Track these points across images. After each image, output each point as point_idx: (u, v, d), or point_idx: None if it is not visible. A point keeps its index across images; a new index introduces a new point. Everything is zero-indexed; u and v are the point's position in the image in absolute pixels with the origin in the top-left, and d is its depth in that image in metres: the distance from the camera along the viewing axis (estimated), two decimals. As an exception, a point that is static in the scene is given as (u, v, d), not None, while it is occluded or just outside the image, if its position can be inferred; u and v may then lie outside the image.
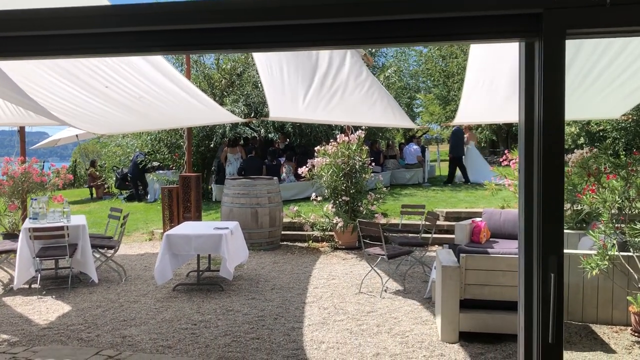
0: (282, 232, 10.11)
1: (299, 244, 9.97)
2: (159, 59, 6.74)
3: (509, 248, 7.10)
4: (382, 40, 2.77)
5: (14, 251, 7.13)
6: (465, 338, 5.09)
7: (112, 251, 7.67)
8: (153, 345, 5.08)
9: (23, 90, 6.61)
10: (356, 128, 9.99)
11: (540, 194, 2.64)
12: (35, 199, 7.46)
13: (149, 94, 7.54)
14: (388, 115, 8.16)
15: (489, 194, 10.67)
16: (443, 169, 19.13)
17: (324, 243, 9.83)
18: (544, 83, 2.64)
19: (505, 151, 9.93)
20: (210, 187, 14.66)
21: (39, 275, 7.13)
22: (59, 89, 6.91)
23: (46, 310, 6.21)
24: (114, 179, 16.50)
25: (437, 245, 9.20)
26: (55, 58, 4.80)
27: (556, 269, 2.56)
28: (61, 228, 6.73)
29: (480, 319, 5.09)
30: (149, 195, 15.44)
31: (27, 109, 8.25)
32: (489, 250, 6.15)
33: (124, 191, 15.01)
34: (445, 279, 5.12)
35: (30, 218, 7.42)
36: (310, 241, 9.88)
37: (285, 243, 10.08)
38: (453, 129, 15.75)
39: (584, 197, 5.36)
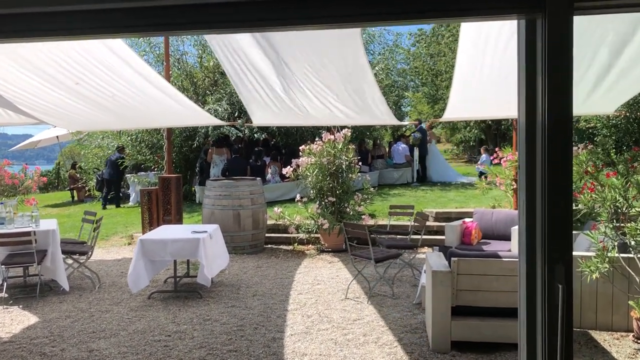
0: (267, 235, 9.75)
1: (284, 247, 9.62)
2: (132, 56, 6.36)
3: (502, 249, 6.82)
4: (373, 17, 2.44)
5: (-21, 258, 6.71)
6: (458, 347, 4.76)
7: (84, 257, 7.25)
8: (122, 359, 4.69)
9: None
10: (342, 126, 9.65)
11: (545, 196, 2.30)
12: (2, 203, 7.04)
13: (123, 92, 7.15)
14: (374, 112, 7.81)
15: (479, 193, 10.40)
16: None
17: (310, 246, 9.48)
18: (549, 68, 2.30)
19: (496, 149, 9.66)
20: (193, 188, 14.25)
21: (6, 283, 6.71)
22: (25, 83, 6.52)
23: (10, 321, 5.80)
24: (95, 181, 16.02)
25: (427, 247, 8.89)
26: (32, 41, 4.36)
27: (564, 279, 2.23)
28: (28, 234, 6.32)
29: (474, 327, 4.76)
30: (131, 197, 15.00)
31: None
32: (481, 252, 5.84)
33: (111, 192, 14.53)
34: (436, 285, 4.79)
35: (-4, 223, 6.99)
36: (296, 244, 9.52)
37: (269, 246, 9.73)
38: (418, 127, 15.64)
39: (582, 196, 5.05)
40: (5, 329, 5.58)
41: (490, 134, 23.99)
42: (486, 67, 5.88)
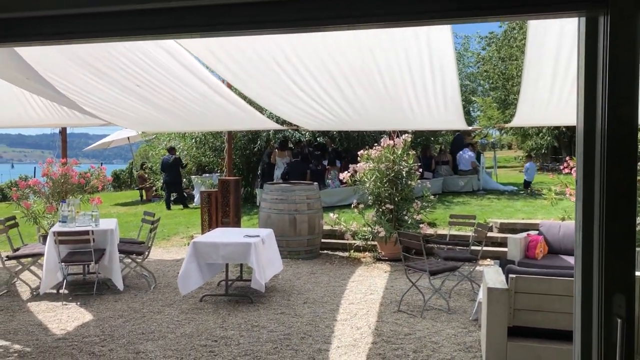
0: (323, 240, 9.62)
1: (340, 254, 9.45)
2: (192, 61, 6.40)
3: (568, 266, 6.35)
4: (430, 15, 2.25)
5: (41, 255, 6.96)
6: (514, 371, 4.42)
7: (141, 257, 7.39)
8: (165, 363, 4.69)
9: (53, 85, 6.46)
10: (403, 131, 9.37)
11: (603, 211, 2.02)
12: (65, 202, 7.28)
13: (182, 95, 7.24)
14: (441, 116, 7.51)
15: (548, 204, 9.85)
16: (500, 176, 18.16)
17: (366, 253, 9.26)
18: (610, 72, 2.02)
19: (567, 158, 9.09)
20: (254, 191, 14.35)
21: (66, 280, 6.93)
22: (90, 86, 6.73)
23: (67, 318, 5.96)
24: (162, 181, 16.48)
25: (488, 260, 8.47)
26: (65, 43, 4.45)
27: (624, 312, 1.94)
28: (86, 233, 6.49)
29: (532, 350, 4.41)
30: (195, 198, 15.30)
31: (61, 104, 8.16)
32: (543, 269, 5.44)
33: (172, 194, 14.87)
34: (492, 303, 4.47)
35: (59, 221, 7.25)
36: (352, 251, 9.33)
37: (325, 252, 9.59)
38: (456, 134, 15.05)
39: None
40: (61, 325, 5.73)
41: (563, 142, 22.84)
42: (559, 72, 5.48)
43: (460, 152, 15.05)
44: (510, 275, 4.45)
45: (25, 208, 8.83)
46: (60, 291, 6.90)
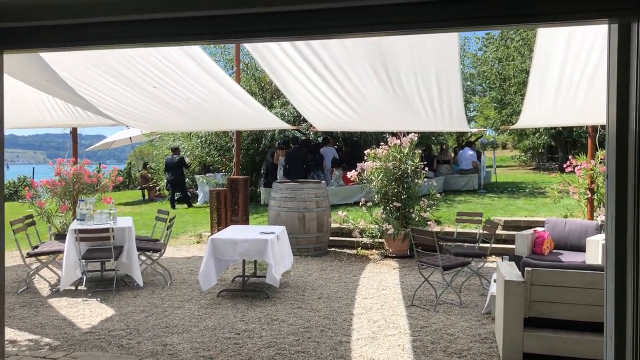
0: (330, 238, 9.80)
1: (347, 251, 9.64)
2: (208, 61, 6.56)
3: (575, 261, 6.56)
4: (461, 22, 2.42)
5: (62, 252, 7.10)
6: (530, 360, 4.63)
7: (157, 254, 7.54)
8: (194, 355, 4.84)
9: (72, 87, 6.59)
10: (408, 131, 9.57)
11: (637, 209, 2.22)
12: (83, 200, 7.43)
13: (196, 95, 7.40)
14: (445, 119, 7.72)
15: (550, 202, 10.07)
16: (499, 175, 18.41)
17: (374, 250, 9.45)
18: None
19: (569, 157, 9.31)
20: (259, 190, 14.52)
21: (85, 277, 7.07)
22: (107, 88, 6.87)
23: (90, 313, 6.11)
24: (165, 181, 16.61)
25: (494, 256, 8.68)
26: (92, 49, 4.63)
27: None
28: (106, 230, 6.64)
29: (547, 340, 4.61)
30: (199, 197, 15.45)
31: (75, 105, 8.29)
32: (556, 263, 5.64)
33: (176, 194, 15.00)
34: (508, 295, 4.67)
35: (77, 219, 7.39)
36: (359, 248, 9.52)
37: (333, 249, 9.77)
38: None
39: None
40: (85, 320, 5.88)
41: (561, 141, 23.13)
42: (565, 74, 5.69)
43: (461, 151, 15.28)
44: (526, 268, 4.65)
45: (39, 207, 8.96)
46: (79, 287, 7.05)
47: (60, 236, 8.50)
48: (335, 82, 6.73)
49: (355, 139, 14.68)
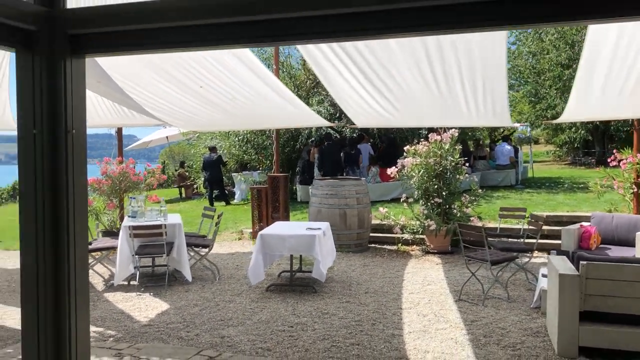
0: (370, 234, 9.87)
1: (388, 247, 9.70)
2: (253, 60, 6.71)
3: (625, 255, 6.51)
4: (521, 20, 2.48)
5: (113, 248, 7.34)
6: (586, 353, 4.64)
7: (206, 250, 7.73)
8: (252, 346, 4.99)
9: (121, 87, 6.80)
10: (449, 127, 9.58)
11: None
12: (134, 198, 7.66)
13: (241, 94, 7.55)
14: (488, 114, 7.72)
15: (592, 197, 9.97)
16: (536, 170, 18.21)
17: (414, 246, 9.50)
18: None
19: (614, 151, 9.20)
20: (295, 187, 14.67)
21: (138, 272, 7.30)
22: (156, 88, 7.06)
23: (145, 307, 6.32)
24: (202, 179, 16.90)
25: (537, 252, 8.63)
26: (169, 52, 4.80)
27: None
28: (159, 226, 6.84)
29: (604, 334, 4.61)
30: (236, 195, 15.68)
31: (122, 105, 8.52)
32: (607, 257, 5.62)
33: (214, 191, 15.25)
34: (563, 289, 4.68)
35: (128, 216, 7.62)
36: (400, 244, 9.57)
37: (373, 245, 9.84)
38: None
39: None
40: (142, 313, 6.08)
41: (598, 135, 22.71)
42: (616, 64, 5.65)
43: (498, 146, 15.17)
44: (582, 262, 4.66)
45: (88, 205, 9.25)
46: (132, 282, 7.28)
47: (109, 233, 8.77)
48: (377, 79, 6.80)
49: (391, 136, 14.71)
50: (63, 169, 2.80)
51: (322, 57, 6.44)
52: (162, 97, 7.59)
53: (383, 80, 6.79)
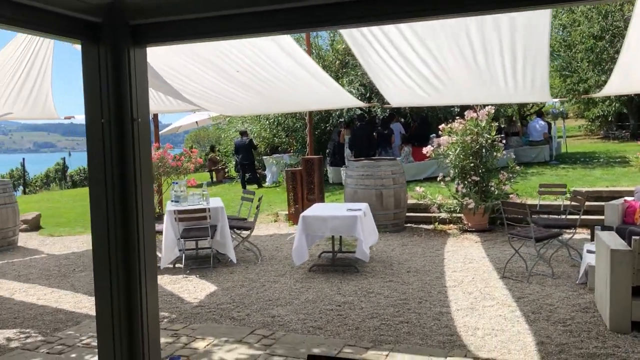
0: (406, 214, 9.88)
1: (424, 226, 9.71)
2: (290, 42, 6.73)
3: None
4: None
5: (159, 232, 7.50)
6: (638, 328, 4.63)
7: (248, 232, 7.85)
8: (303, 325, 5.09)
9: (159, 74, 6.90)
10: (485, 104, 9.48)
11: None
12: (177, 183, 7.80)
13: (277, 77, 7.59)
14: (526, 89, 7.62)
15: (634, 171, 9.81)
16: (569, 146, 17.93)
17: (451, 225, 9.48)
18: None
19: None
20: (325, 169, 14.72)
21: (183, 255, 7.46)
22: (194, 73, 7.13)
23: (194, 288, 6.47)
24: (234, 163, 17.06)
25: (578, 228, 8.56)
26: (228, 39, 4.85)
27: None
28: (204, 210, 6.97)
29: (657, 309, 4.59)
30: (267, 178, 15.81)
31: (159, 91, 8.63)
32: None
33: (246, 174, 15.39)
34: (615, 264, 4.66)
35: (171, 201, 7.77)
36: (437, 223, 9.57)
37: (409, 225, 9.86)
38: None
39: None
40: (192, 295, 6.24)
41: (632, 108, 22.19)
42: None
43: (531, 122, 14.96)
44: (634, 237, 4.62)
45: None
46: (177, 265, 7.45)
47: (151, 218, 8.94)
48: (416, 57, 6.76)
49: (423, 115, 14.61)
50: (130, 155, 2.88)
51: (362, 37, 6.42)
52: (199, 82, 7.67)
53: (422, 58, 6.75)
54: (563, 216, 7.64)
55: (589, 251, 6.00)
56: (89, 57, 2.75)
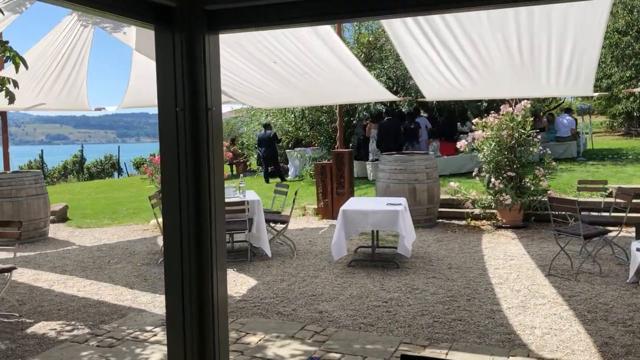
0: (438, 210, 9.75)
1: (457, 222, 9.58)
2: (329, 30, 6.60)
3: None
4: None
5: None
6: (703, 330, 4.49)
7: (283, 226, 7.76)
8: (353, 322, 5.00)
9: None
10: (520, 98, 9.31)
11: None
12: (213, 175, 7.71)
13: (313, 70, 7.48)
14: (568, 84, 7.45)
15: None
16: (596, 142, 17.69)
17: (484, 221, 9.35)
18: None
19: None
20: (350, 163, 14.60)
21: (219, 248, 7.37)
22: (230, 64, 7.03)
23: (233, 282, 6.39)
24: (256, 156, 16.97)
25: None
26: (296, 26, 4.76)
27: None
28: (243, 203, 6.88)
29: None
30: (290, 172, 15.71)
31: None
32: None
33: (269, 168, 15.30)
34: (679, 263, 4.52)
35: (208, 193, 7.68)
36: (470, 219, 9.43)
37: (440, 220, 9.73)
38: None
39: None
40: (233, 289, 6.16)
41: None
42: None
43: (559, 118, 14.74)
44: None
45: (159, 183, 9.39)
46: (213, 258, 7.36)
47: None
48: (459, 50, 6.61)
49: (450, 109, 14.43)
50: (204, 145, 2.78)
51: (404, 28, 6.29)
52: (234, 73, 7.57)
53: (464, 50, 6.60)
54: (606, 213, 7.48)
55: (638, 249, 5.85)
56: (163, 43, 2.64)
